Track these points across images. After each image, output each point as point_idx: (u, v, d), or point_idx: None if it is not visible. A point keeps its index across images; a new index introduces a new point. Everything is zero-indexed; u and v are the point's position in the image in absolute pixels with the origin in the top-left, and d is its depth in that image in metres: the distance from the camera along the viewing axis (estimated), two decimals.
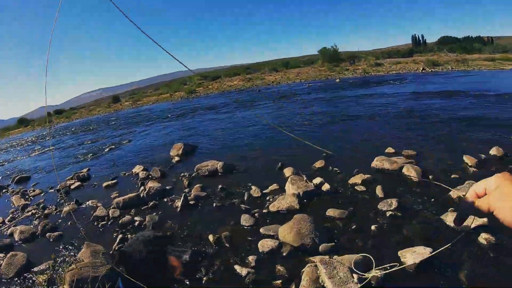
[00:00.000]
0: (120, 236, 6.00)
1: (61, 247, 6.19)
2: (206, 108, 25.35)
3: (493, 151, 7.55)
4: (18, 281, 5.33)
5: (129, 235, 6.03)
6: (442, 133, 9.80)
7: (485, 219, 4.72)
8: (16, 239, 6.91)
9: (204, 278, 4.48)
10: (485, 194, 0.91)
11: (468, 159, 7.22)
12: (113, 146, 15.70)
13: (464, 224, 3.39)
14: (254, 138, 12.35)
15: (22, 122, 61.47)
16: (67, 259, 5.63)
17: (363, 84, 28.29)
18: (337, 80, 35.45)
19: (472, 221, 4.73)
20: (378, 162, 7.42)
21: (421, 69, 39.28)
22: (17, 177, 13.05)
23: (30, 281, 5.26)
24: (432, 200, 5.77)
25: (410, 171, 6.78)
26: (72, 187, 9.93)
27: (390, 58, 60.16)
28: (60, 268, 5.23)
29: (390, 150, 8.40)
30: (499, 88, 18.26)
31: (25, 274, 5.45)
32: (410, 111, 13.79)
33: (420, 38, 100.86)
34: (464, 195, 0.94)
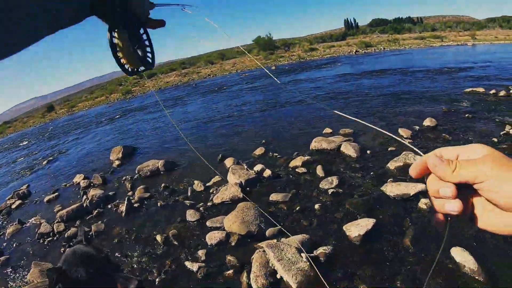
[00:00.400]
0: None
1: (9, 270, 5.89)
2: (142, 108, 24.89)
3: (427, 122, 7.93)
4: None
5: None
6: (376, 110, 10.16)
7: (423, 185, 4.92)
8: None
9: (157, 280, 4.43)
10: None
11: (403, 132, 7.54)
12: (51, 158, 15.11)
13: (404, 192, 3.50)
14: (191, 133, 12.25)
15: None
16: (17, 282, 5.42)
17: (298, 70, 28.79)
18: (273, 68, 35.76)
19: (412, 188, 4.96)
20: (316, 143, 7.57)
21: (355, 51, 40.45)
22: None
23: None
24: (371, 173, 5.97)
25: (348, 149, 6.97)
26: (13, 206, 9.42)
27: (324, 43, 61.51)
28: None
29: (327, 130, 8.61)
30: (428, 64, 19.18)
31: None
32: (344, 92, 14.19)
33: (352, 22, 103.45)
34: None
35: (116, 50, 1.01)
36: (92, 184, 8.96)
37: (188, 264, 4.55)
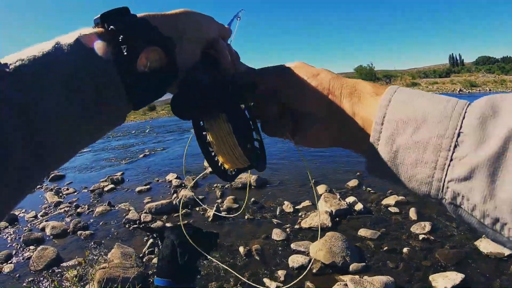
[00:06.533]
0: (150, 240, 6.10)
1: (91, 245, 6.39)
2: None
3: None
4: (47, 274, 5.54)
5: (159, 240, 6.14)
6: None
7: None
8: (48, 234, 7.18)
9: None
10: None
11: None
12: (148, 153, 15.91)
13: (498, 251, 3.38)
14: (289, 154, 12.04)
15: None
16: (97, 257, 5.84)
17: None
18: None
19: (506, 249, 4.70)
20: None
21: (458, 90, 38.58)
22: (51, 175, 13.43)
23: (59, 275, 5.46)
24: (466, 225, 5.68)
25: None
26: (105, 189, 10.18)
27: (427, 78, 59.39)
28: (90, 266, 5.39)
29: None
30: None
31: (54, 268, 5.69)
32: None
33: (458, 58, 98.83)
34: None
35: (210, 150, 0.66)
36: (183, 185, 9.36)
37: (266, 281, 4.62)
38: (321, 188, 7.78)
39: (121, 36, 0.49)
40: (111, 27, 0.50)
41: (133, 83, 0.51)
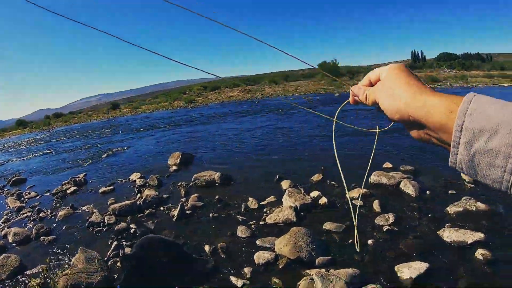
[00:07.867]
0: (115, 243, 5.97)
1: (55, 251, 6.19)
2: (205, 118, 25.26)
3: None
4: (11, 283, 5.33)
5: (124, 242, 6.02)
6: (440, 149, 9.80)
7: (481, 235, 4.75)
8: (10, 241, 6.91)
9: None
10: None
11: (465, 175, 7.20)
12: (111, 152, 15.64)
13: (461, 239, 3.43)
14: (253, 150, 12.23)
15: (21, 123, 61.45)
16: (60, 263, 5.66)
17: None
18: (337, 95, 35.29)
19: (469, 237, 4.77)
20: (375, 177, 7.41)
21: None
22: (13, 179, 13.02)
23: (23, 284, 5.24)
24: (429, 215, 5.78)
25: (408, 187, 6.78)
26: (68, 191, 9.90)
27: None
28: (54, 273, 5.21)
29: (388, 165, 8.39)
30: None
31: (17, 277, 5.46)
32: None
33: (419, 54, 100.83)
34: None
35: None
36: (147, 184, 9.22)
37: (232, 279, 4.57)
38: (285, 183, 7.78)
39: None
40: None
41: None
